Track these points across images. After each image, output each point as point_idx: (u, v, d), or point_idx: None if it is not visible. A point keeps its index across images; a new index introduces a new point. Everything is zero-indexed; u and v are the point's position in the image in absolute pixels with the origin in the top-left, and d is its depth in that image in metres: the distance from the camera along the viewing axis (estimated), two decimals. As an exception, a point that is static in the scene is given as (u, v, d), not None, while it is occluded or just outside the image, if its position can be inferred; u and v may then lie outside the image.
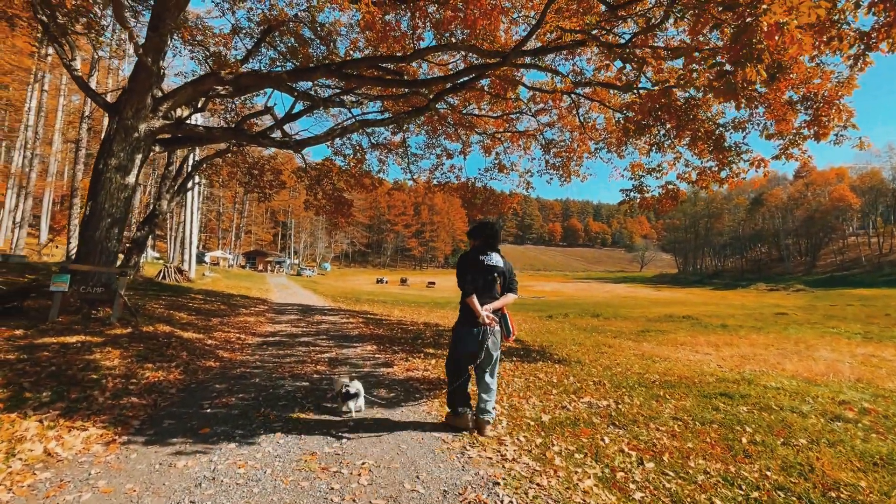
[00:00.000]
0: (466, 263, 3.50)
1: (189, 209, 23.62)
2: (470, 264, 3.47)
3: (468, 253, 3.59)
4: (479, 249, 3.55)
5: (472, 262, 3.46)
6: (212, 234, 62.17)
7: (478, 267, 3.43)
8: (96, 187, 7.99)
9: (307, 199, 16.88)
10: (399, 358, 6.39)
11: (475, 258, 3.47)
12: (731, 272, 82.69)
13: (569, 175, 15.83)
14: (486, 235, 3.59)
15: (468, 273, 3.44)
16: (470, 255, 3.53)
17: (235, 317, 11.08)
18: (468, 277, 3.42)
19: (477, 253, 3.52)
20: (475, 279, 3.41)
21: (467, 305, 3.36)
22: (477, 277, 3.42)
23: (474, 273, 3.43)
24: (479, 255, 3.49)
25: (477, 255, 3.50)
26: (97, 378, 4.17)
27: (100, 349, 5.33)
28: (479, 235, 3.62)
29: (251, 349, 6.87)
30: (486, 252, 3.52)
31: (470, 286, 3.38)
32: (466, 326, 3.39)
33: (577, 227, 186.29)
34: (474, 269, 3.44)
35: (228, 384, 4.53)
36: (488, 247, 3.57)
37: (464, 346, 3.41)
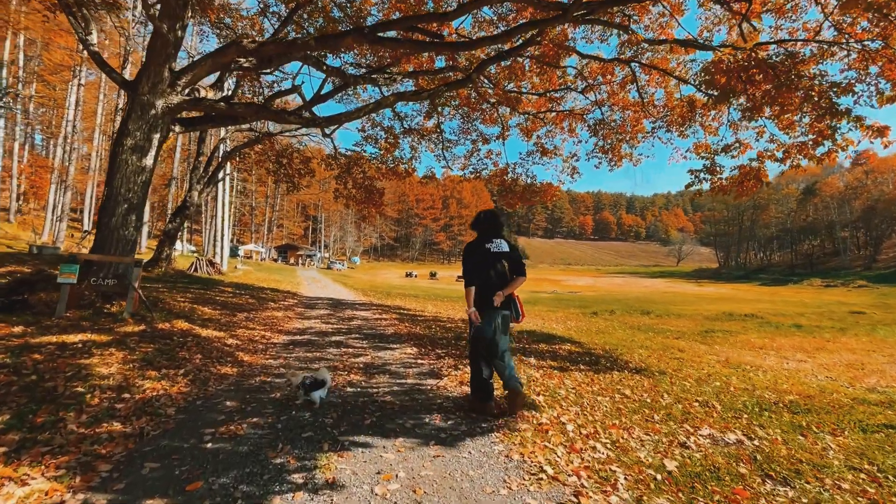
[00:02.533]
0: (469, 253, 3.56)
1: (220, 201, 23.40)
2: (472, 253, 3.54)
3: (472, 242, 3.62)
4: (484, 238, 3.57)
5: (474, 251, 3.53)
6: (245, 229, 63.20)
7: (484, 256, 3.49)
8: (112, 170, 7.33)
9: (337, 189, 16.11)
10: (446, 365, 5.35)
11: (480, 247, 3.53)
12: (779, 267, 77.66)
13: (619, 158, 14.41)
14: (487, 223, 3.64)
15: (469, 262, 3.52)
16: (473, 245, 3.58)
17: (263, 311, 10.36)
18: (468, 267, 3.51)
19: (481, 241, 3.55)
20: (479, 268, 3.47)
21: (478, 293, 3.44)
22: (482, 266, 3.48)
23: (478, 262, 3.49)
24: (485, 243, 3.53)
25: (482, 243, 3.54)
26: (82, 392, 3.33)
27: (101, 351, 4.55)
28: (481, 224, 3.67)
29: (276, 350, 6.01)
30: (491, 239, 3.56)
31: (470, 276, 3.47)
32: (487, 310, 3.45)
33: (609, 220, 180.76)
34: (479, 258, 3.50)
35: (242, 400, 3.61)
36: (493, 234, 3.60)
37: (481, 333, 3.48)
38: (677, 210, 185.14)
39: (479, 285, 3.44)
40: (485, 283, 3.44)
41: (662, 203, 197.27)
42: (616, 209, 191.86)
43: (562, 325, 12.33)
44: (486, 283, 3.44)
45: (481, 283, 3.45)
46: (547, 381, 4.75)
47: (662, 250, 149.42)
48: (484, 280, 3.44)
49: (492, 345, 3.47)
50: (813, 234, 79.89)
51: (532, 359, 6.05)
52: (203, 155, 17.74)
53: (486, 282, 3.44)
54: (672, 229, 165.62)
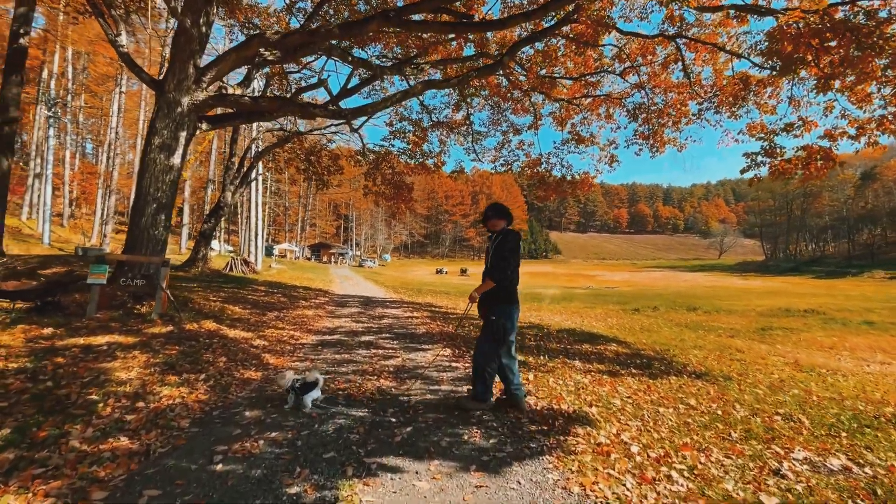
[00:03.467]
0: (515, 247, 3.40)
1: (254, 202, 23.79)
2: (518, 248, 3.41)
3: (514, 235, 3.44)
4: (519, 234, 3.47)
5: (518, 247, 3.43)
6: (279, 228, 64.79)
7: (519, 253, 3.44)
8: (142, 170, 7.29)
9: (366, 186, 15.94)
10: (483, 369, 4.91)
11: (519, 243, 3.43)
12: (835, 258, 72.52)
13: (662, 144, 13.51)
14: (511, 218, 3.62)
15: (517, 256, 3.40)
16: (516, 238, 3.43)
17: (294, 310, 10.24)
18: (516, 261, 3.40)
19: (519, 239, 3.45)
20: (516, 266, 3.41)
21: (506, 286, 3.37)
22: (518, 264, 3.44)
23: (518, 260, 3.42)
24: (519, 240, 3.44)
25: (519, 240, 3.45)
26: (95, 401, 3.10)
27: (125, 354, 4.38)
28: (508, 217, 3.61)
29: (304, 352, 5.74)
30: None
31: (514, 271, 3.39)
32: (516, 309, 3.43)
33: (644, 212, 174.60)
34: (518, 254, 3.43)
35: (263, 410, 3.29)
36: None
37: (512, 328, 3.44)
38: (718, 200, 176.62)
39: (512, 280, 3.40)
40: (515, 279, 3.44)
41: (702, 194, 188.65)
42: (652, 201, 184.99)
43: (602, 323, 11.63)
44: (516, 279, 3.44)
45: (514, 279, 3.42)
46: (597, 388, 4.23)
47: (702, 243, 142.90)
48: (515, 276, 3.43)
49: (510, 343, 3.48)
50: (873, 223, 74.09)
51: (577, 361, 5.52)
52: (235, 156, 17.98)
53: (516, 278, 3.44)
54: (712, 221, 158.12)
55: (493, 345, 3.39)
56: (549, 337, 7.70)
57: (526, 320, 10.91)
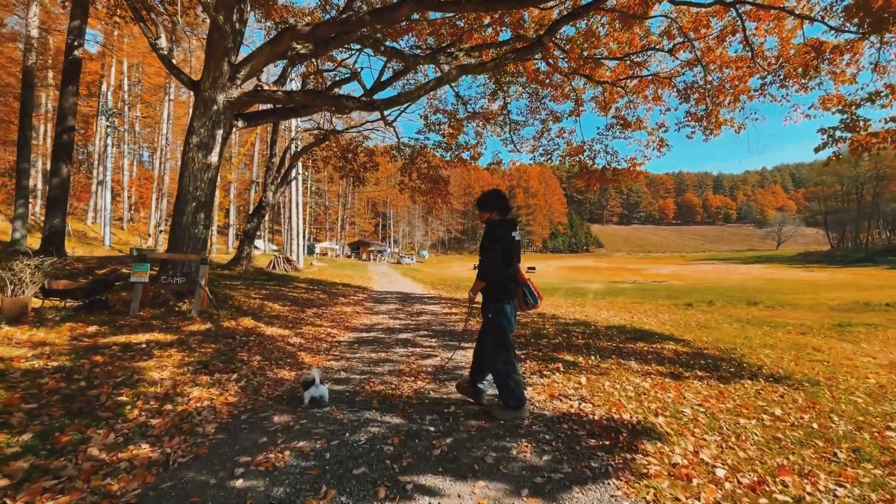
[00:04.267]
0: (499, 236, 3.11)
1: (294, 201, 24.30)
2: (501, 238, 3.10)
3: (497, 226, 3.15)
4: (509, 223, 3.18)
5: (502, 238, 3.10)
6: (320, 227, 66.47)
7: (512, 244, 3.12)
8: (182, 170, 7.38)
9: (402, 181, 15.78)
10: (529, 370, 4.50)
11: (507, 233, 3.11)
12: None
13: (717, 125, 12.48)
14: (505, 205, 3.26)
15: (500, 248, 3.10)
16: (503, 228, 3.14)
17: (332, 307, 10.20)
18: (499, 254, 3.10)
19: (509, 228, 3.14)
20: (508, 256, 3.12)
21: (507, 282, 3.15)
22: (508, 255, 3.12)
23: (506, 251, 3.10)
24: (511, 230, 3.14)
25: (509, 230, 3.13)
26: (123, 403, 2.98)
27: (161, 352, 4.32)
28: (498, 206, 3.24)
29: (340, 350, 5.55)
30: (515, 226, 3.19)
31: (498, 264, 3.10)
32: (512, 300, 3.19)
33: (693, 202, 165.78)
34: (506, 246, 3.10)
35: (293, 415, 3.07)
36: (513, 220, 3.24)
37: (509, 325, 3.17)
38: (775, 187, 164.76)
39: (505, 275, 3.15)
40: (511, 273, 3.18)
41: (756, 181, 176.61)
42: (701, 190, 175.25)
43: (654, 319, 10.86)
44: (510, 273, 3.18)
45: (507, 273, 3.16)
46: (661, 394, 3.73)
47: (758, 233, 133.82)
48: (510, 269, 3.17)
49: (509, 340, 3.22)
50: (959, 207, 66.54)
51: (633, 362, 5.00)
52: (275, 156, 18.34)
53: (510, 271, 3.18)
54: (769, 209, 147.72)
55: (498, 346, 3.13)
56: (598, 335, 7.16)
57: (571, 317, 10.34)
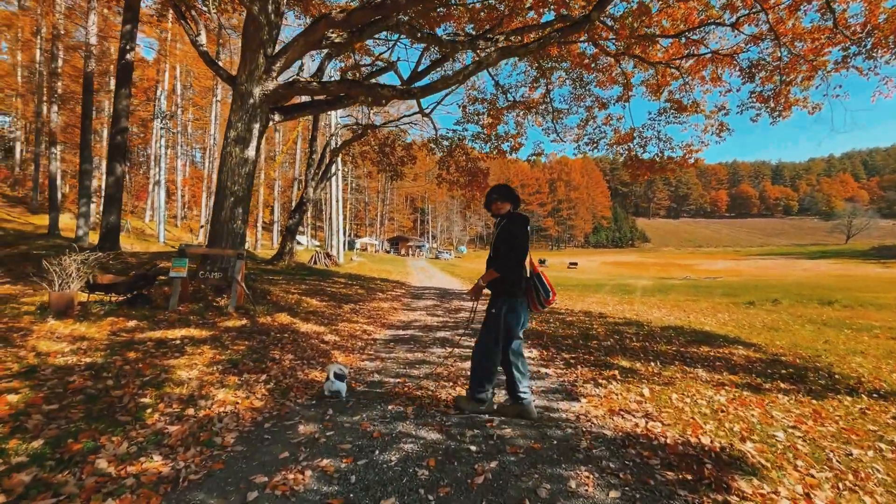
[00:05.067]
0: (523, 230, 2.94)
1: (334, 197, 24.61)
2: (520, 234, 2.93)
3: (516, 220, 2.97)
4: (525, 218, 3.01)
5: (522, 233, 2.93)
6: (360, 223, 67.67)
7: (527, 239, 2.96)
8: (220, 165, 7.38)
9: (439, 174, 15.44)
10: (581, 377, 4.03)
11: (524, 228, 2.95)
12: None
13: (788, 105, 11.30)
14: (517, 200, 3.12)
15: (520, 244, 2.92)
16: (519, 224, 2.96)
17: (370, 302, 10.05)
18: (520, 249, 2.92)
19: (525, 223, 2.98)
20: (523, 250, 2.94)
21: (520, 278, 2.94)
22: (523, 251, 2.95)
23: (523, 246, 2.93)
24: (527, 225, 2.98)
25: (525, 225, 2.97)
26: (145, 405, 2.81)
27: (193, 349, 4.21)
28: (512, 199, 3.10)
29: (375, 349, 5.29)
30: (528, 221, 3.03)
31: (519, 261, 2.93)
32: (523, 298, 2.97)
33: (749, 193, 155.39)
34: (523, 241, 2.93)
35: (320, 424, 2.79)
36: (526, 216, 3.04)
37: (519, 322, 2.96)
38: (844, 176, 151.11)
39: (520, 271, 2.97)
40: (522, 269, 2.99)
41: (822, 169, 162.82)
42: (758, 180, 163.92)
43: (712, 319, 9.95)
44: (522, 269, 2.99)
45: (520, 269, 2.97)
46: (742, 411, 3.16)
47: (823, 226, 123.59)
48: (521, 266, 2.98)
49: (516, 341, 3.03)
50: None
51: (700, 370, 4.39)
52: (315, 153, 18.52)
53: (522, 268, 2.99)
54: (837, 200, 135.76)
55: (491, 341, 2.96)
56: (653, 336, 6.53)
57: (620, 316, 9.65)
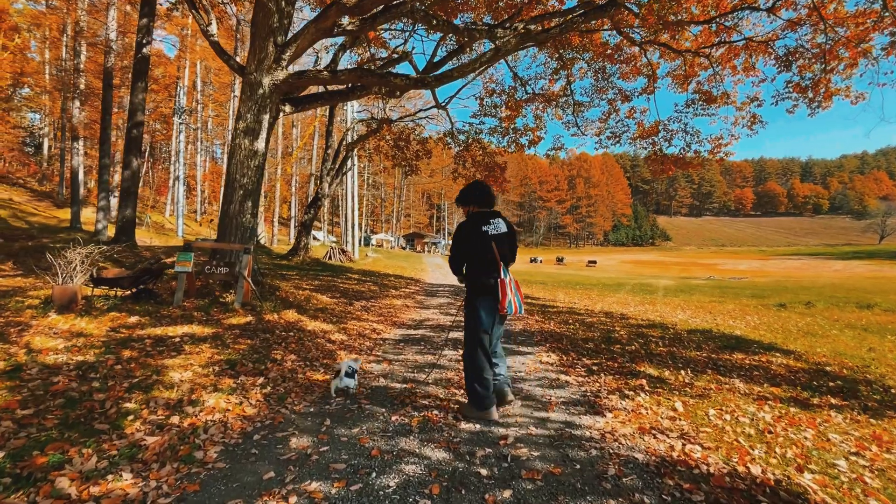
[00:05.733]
0: (466, 234, 2.95)
1: (349, 192, 24.52)
2: (466, 237, 2.94)
3: (465, 223, 2.99)
4: (480, 217, 2.96)
5: (471, 234, 2.92)
6: (376, 220, 67.84)
7: (479, 237, 2.89)
8: (229, 157, 7.22)
9: (455, 169, 15.13)
10: (605, 386, 3.67)
11: (476, 228, 2.91)
12: None
13: (828, 95, 10.63)
14: (482, 198, 3.06)
15: (465, 244, 2.95)
16: (467, 225, 2.96)
17: (382, 299, 9.82)
18: (463, 250, 2.97)
19: (478, 223, 2.93)
20: (473, 253, 2.93)
21: (478, 277, 2.92)
22: (476, 251, 2.92)
23: (473, 247, 2.92)
24: (482, 224, 2.92)
25: (479, 224, 2.92)
26: (127, 412, 2.58)
27: (193, 347, 4.01)
28: (474, 199, 3.07)
29: (383, 350, 5.03)
30: (489, 220, 2.95)
31: (459, 263, 3.03)
32: (481, 300, 2.89)
33: (776, 191, 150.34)
34: (474, 241, 2.91)
35: (314, 437, 2.52)
36: (490, 213, 3.01)
37: (482, 324, 2.89)
38: (878, 174, 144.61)
39: (477, 270, 2.95)
40: (482, 269, 2.94)
41: (855, 166, 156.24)
42: (786, 178, 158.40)
43: (742, 323, 9.40)
44: (483, 268, 2.93)
45: (479, 269, 2.94)
46: (792, 432, 2.77)
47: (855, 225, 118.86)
48: (482, 266, 2.94)
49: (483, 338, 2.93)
50: None
51: (736, 380, 3.99)
52: (330, 147, 18.39)
53: (483, 268, 2.93)
54: (870, 198, 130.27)
55: (471, 343, 2.94)
56: (680, 341, 6.10)
57: (643, 317, 9.19)
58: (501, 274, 2.86)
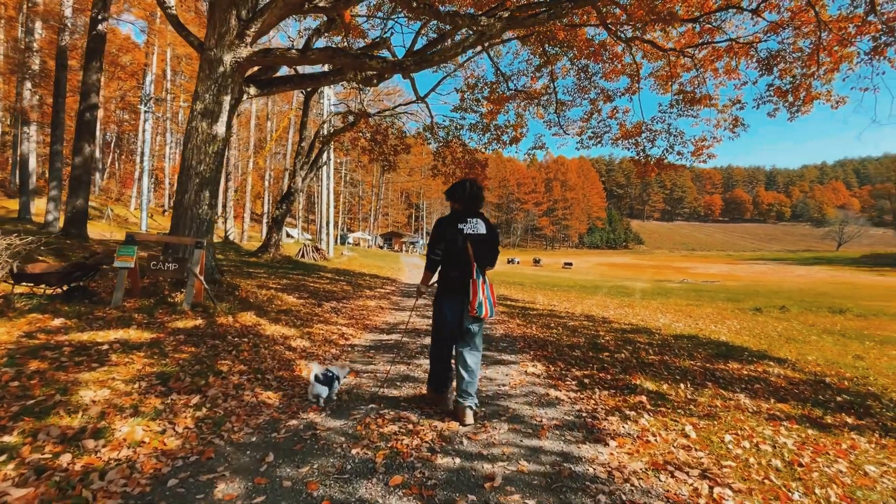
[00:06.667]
0: (441, 231, 2.94)
1: (324, 187, 23.69)
2: (442, 233, 2.93)
3: (444, 218, 2.98)
4: (459, 215, 2.93)
5: (446, 231, 2.90)
6: (354, 218, 66.61)
7: (454, 236, 2.86)
8: (185, 142, 6.52)
9: (434, 166, 14.63)
10: (602, 404, 3.23)
11: (452, 226, 2.89)
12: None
13: (808, 100, 10.61)
14: (465, 197, 2.95)
15: (441, 242, 2.91)
16: (446, 221, 2.95)
17: (355, 300, 9.23)
18: (438, 248, 2.93)
19: (456, 220, 2.91)
20: (448, 250, 2.89)
21: (448, 275, 2.94)
22: (450, 248, 2.88)
23: (448, 244, 2.88)
24: (458, 222, 2.90)
25: (455, 222, 2.90)
26: (8, 447, 1.97)
27: (121, 357, 3.38)
28: (458, 196, 2.98)
29: (351, 358, 4.48)
30: (466, 219, 2.91)
31: (436, 258, 2.95)
32: (445, 296, 2.95)
33: (742, 198, 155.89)
34: (449, 238, 2.88)
35: (248, 481, 1.97)
36: (469, 212, 2.95)
37: (443, 318, 2.96)
38: (836, 184, 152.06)
39: (449, 268, 2.95)
40: (455, 267, 2.91)
41: (815, 176, 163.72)
42: (752, 185, 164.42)
43: (723, 327, 9.25)
44: (455, 267, 2.91)
45: (452, 267, 2.93)
46: (827, 465, 2.38)
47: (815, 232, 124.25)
48: (452, 265, 2.93)
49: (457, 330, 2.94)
50: None
51: (741, 395, 3.63)
52: (304, 140, 17.59)
53: (456, 265, 2.90)
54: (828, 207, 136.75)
55: (433, 337, 3.11)
56: (669, 347, 5.77)
57: (626, 321, 8.90)
58: (474, 274, 2.79)
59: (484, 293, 2.78)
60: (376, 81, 8.81)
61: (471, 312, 2.78)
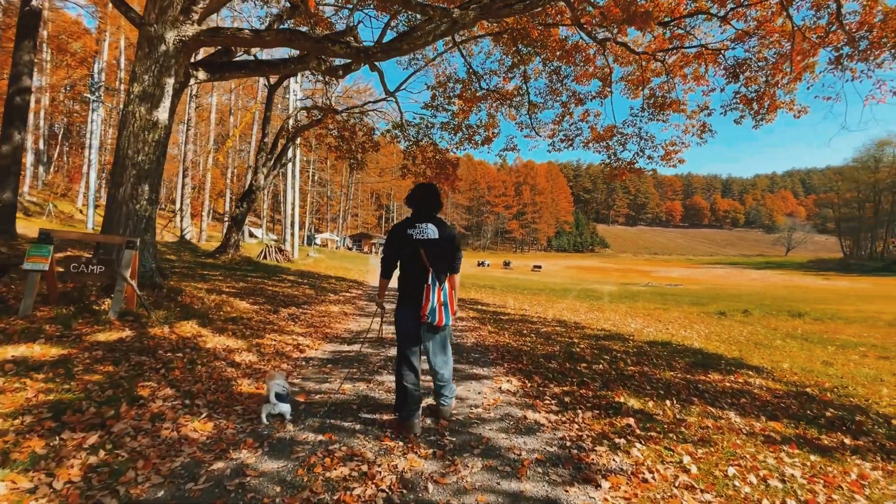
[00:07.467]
0: (390, 237, 2.85)
1: (290, 187, 22.71)
2: (390, 239, 2.85)
3: (398, 224, 2.85)
4: (409, 220, 2.81)
5: (395, 237, 2.81)
6: (322, 218, 64.92)
7: (403, 241, 2.75)
8: (120, 129, 5.79)
9: (404, 165, 14.15)
10: (587, 428, 2.87)
11: (402, 231, 2.76)
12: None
13: (771, 108, 10.84)
14: (416, 201, 2.85)
15: (390, 248, 2.85)
16: (397, 227, 2.82)
17: (317, 305, 8.63)
18: (388, 253, 2.87)
19: (405, 226, 2.78)
20: (398, 255, 2.81)
21: (402, 281, 2.84)
22: (402, 253, 2.79)
23: (398, 249, 2.79)
24: (408, 227, 2.76)
25: (405, 227, 2.77)
26: None
27: (10, 382, 2.75)
28: (411, 201, 2.89)
29: (304, 375, 3.96)
30: (415, 224, 2.76)
31: (387, 266, 2.90)
32: (401, 305, 2.82)
33: (701, 205, 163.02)
34: (398, 244, 2.78)
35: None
36: (420, 216, 2.80)
37: (400, 328, 2.82)
38: (785, 193, 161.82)
39: (403, 275, 2.83)
40: (408, 273, 2.79)
41: (766, 185, 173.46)
42: (709, 193, 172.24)
43: (693, 332, 9.22)
44: (409, 273, 2.78)
45: (406, 273, 2.81)
46: (840, 501, 2.09)
47: (766, 238, 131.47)
48: (407, 270, 2.79)
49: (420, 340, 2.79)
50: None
51: (731, 413, 3.36)
52: (268, 135, 16.71)
53: (410, 272, 2.78)
54: (778, 214, 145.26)
55: (398, 349, 2.88)
56: (646, 356, 5.52)
57: (598, 326, 8.70)
58: (428, 280, 2.65)
59: (439, 299, 2.66)
60: (342, 73, 8.28)
61: (422, 319, 2.67)
